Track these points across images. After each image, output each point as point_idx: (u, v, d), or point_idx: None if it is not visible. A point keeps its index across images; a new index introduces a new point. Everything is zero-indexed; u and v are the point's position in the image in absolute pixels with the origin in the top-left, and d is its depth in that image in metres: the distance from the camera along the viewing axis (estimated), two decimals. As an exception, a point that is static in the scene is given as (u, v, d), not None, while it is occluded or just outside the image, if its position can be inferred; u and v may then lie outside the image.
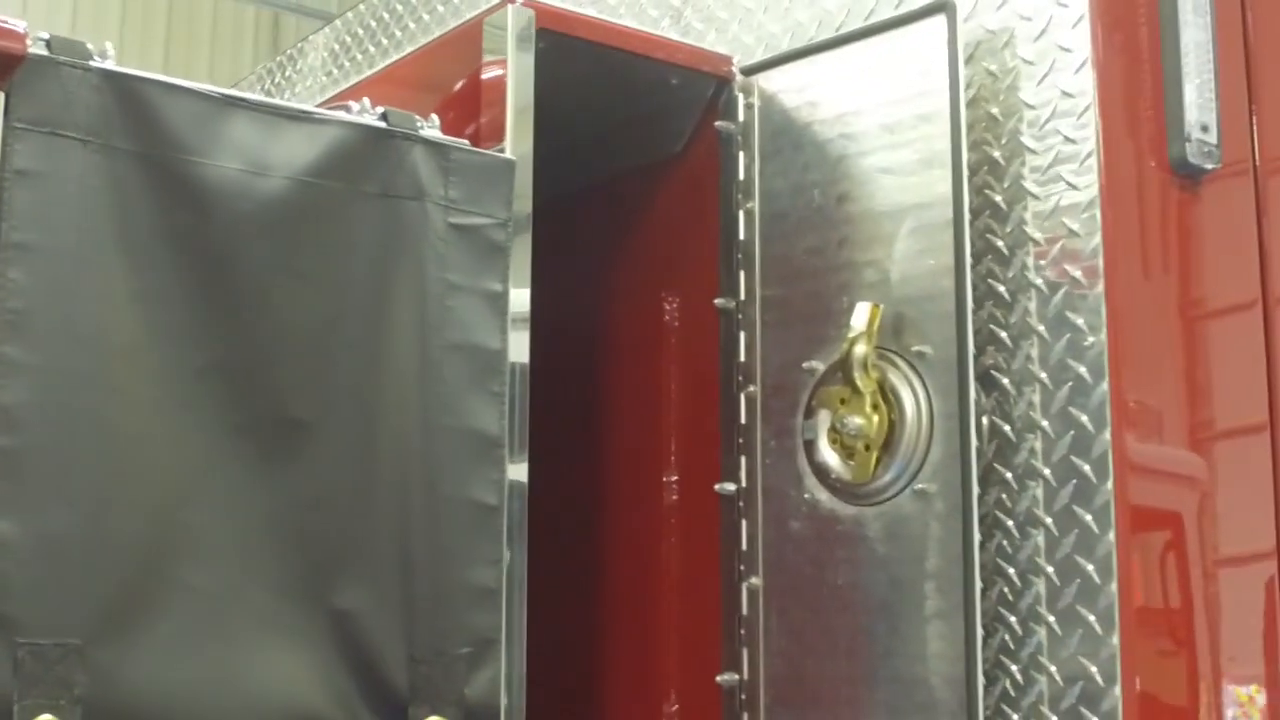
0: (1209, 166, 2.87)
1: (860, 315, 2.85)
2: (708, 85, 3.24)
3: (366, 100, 2.74)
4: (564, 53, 2.97)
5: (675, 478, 3.33)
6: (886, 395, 2.86)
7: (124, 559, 2.33)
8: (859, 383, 2.84)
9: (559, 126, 3.04)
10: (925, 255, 2.85)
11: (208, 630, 2.40)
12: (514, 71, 2.86)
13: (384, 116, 2.71)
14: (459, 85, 3.03)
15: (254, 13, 12.67)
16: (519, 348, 2.77)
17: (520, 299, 2.79)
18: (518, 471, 2.73)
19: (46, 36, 2.35)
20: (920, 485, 2.80)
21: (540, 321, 2.85)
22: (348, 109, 2.72)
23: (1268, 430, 2.89)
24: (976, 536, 2.71)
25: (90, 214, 2.35)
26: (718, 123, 3.24)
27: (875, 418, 2.86)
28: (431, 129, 2.76)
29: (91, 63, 2.38)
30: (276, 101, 2.61)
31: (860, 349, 2.83)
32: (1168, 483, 2.78)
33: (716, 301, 3.21)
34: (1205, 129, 2.87)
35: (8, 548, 2.21)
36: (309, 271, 2.58)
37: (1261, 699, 2.79)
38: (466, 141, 2.81)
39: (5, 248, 2.26)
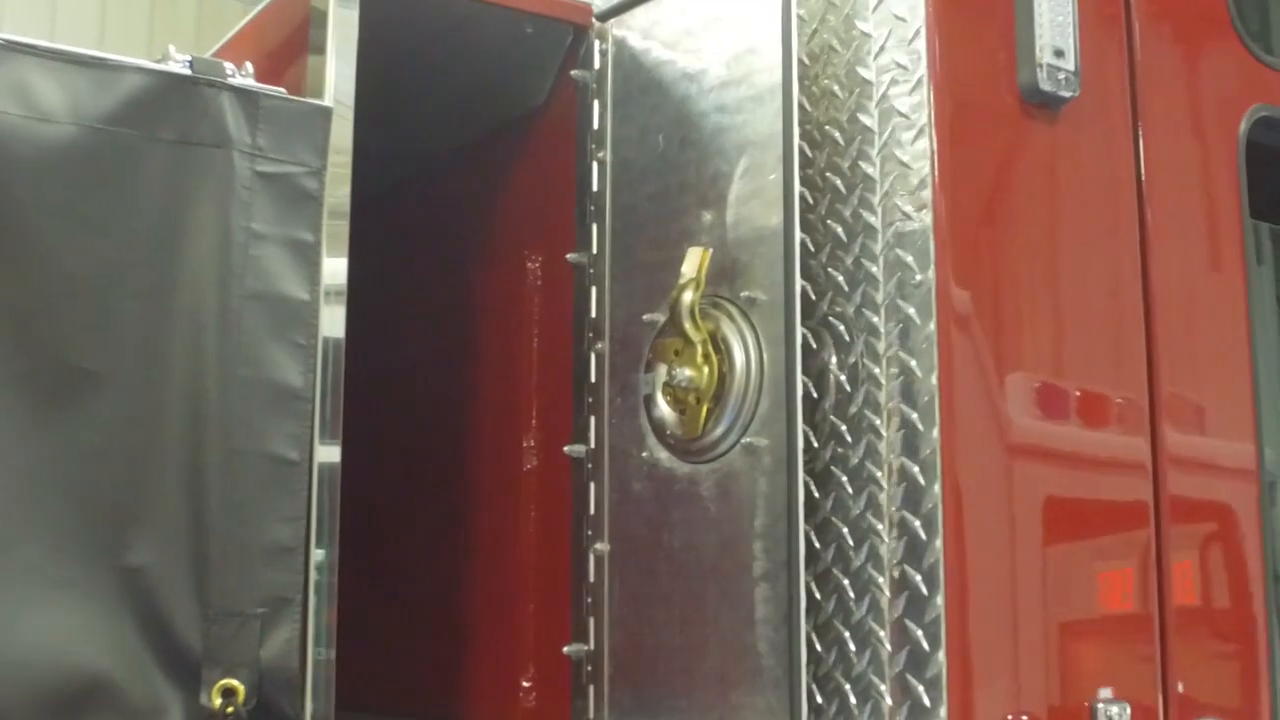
0: (1065, 95, 2.66)
1: (690, 261, 2.69)
2: (565, 33, 3.11)
3: (172, 48, 2.68)
4: (408, 6, 2.88)
5: (532, 442, 3.19)
6: (718, 345, 2.69)
7: None
8: (689, 332, 2.69)
9: (420, 91, 2.93)
10: (757, 196, 2.68)
11: None
12: (336, 16, 2.76)
13: (190, 64, 2.65)
14: (289, 35, 2.95)
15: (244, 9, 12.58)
16: (334, 323, 2.66)
17: (336, 270, 2.68)
18: (329, 453, 2.61)
19: None
20: (749, 439, 2.63)
21: (408, 290, 2.73)
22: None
23: (1128, 364, 2.68)
24: (801, 491, 2.53)
25: None
26: (573, 71, 3.11)
27: (706, 369, 2.69)
28: (243, 77, 2.69)
29: None
30: (67, 48, 2.55)
31: (688, 296, 2.68)
32: (1002, 429, 2.55)
33: (569, 256, 3.07)
34: (1060, 54, 2.65)
35: None
36: (94, 217, 2.51)
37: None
38: (282, 90, 2.73)
39: None
